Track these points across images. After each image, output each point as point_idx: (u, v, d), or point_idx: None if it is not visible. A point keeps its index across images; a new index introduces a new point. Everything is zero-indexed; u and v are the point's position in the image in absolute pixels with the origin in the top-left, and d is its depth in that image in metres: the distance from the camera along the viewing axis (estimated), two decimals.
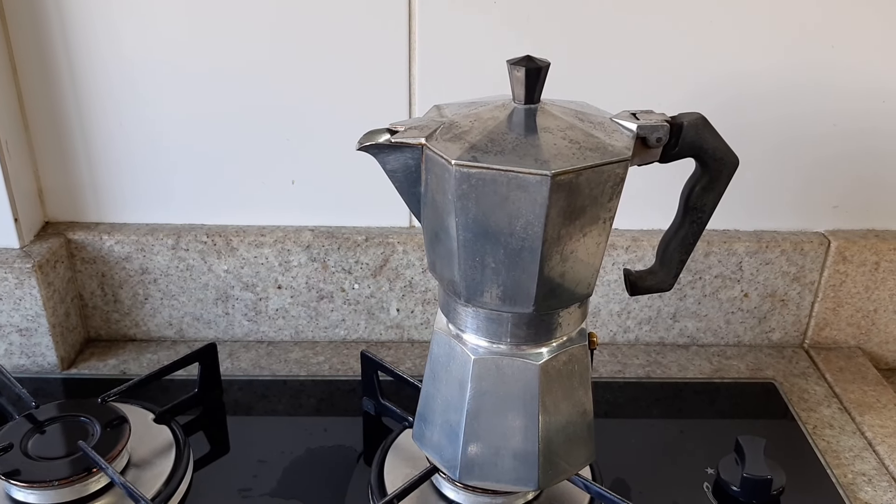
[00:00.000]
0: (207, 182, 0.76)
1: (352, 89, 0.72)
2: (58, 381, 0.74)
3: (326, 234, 0.76)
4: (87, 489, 0.58)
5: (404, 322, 0.80)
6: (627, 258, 0.77)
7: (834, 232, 0.78)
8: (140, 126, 0.73)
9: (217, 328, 0.80)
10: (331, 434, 0.68)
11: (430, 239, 0.50)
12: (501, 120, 0.47)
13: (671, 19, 0.69)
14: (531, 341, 0.51)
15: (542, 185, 0.43)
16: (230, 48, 0.70)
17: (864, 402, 0.73)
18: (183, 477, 0.61)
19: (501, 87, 0.50)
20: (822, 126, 0.74)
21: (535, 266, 0.46)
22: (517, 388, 0.51)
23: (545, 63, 0.47)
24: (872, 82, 0.72)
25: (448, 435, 0.54)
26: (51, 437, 0.61)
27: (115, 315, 0.79)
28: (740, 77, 0.72)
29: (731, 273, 0.78)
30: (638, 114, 0.49)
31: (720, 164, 0.50)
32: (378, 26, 0.69)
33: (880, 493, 0.63)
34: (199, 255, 0.76)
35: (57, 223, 0.78)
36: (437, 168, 0.45)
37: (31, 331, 0.73)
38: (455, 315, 0.52)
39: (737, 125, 0.67)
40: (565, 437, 0.53)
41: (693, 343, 0.82)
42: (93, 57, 0.70)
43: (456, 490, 0.58)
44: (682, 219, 0.53)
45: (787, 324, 0.81)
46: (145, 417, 0.66)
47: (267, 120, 0.73)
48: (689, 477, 0.63)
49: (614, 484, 0.63)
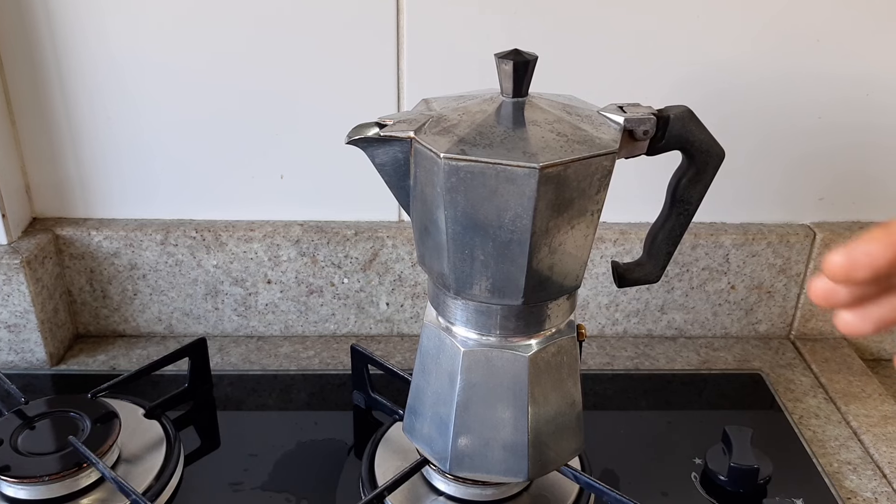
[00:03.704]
0: (196, 177, 0.76)
1: (340, 83, 0.72)
2: (47, 377, 0.74)
3: (316, 229, 0.76)
4: (77, 484, 0.58)
5: (394, 316, 0.80)
6: (615, 251, 0.77)
7: (819, 224, 0.79)
8: (128, 121, 0.73)
9: (207, 323, 0.80)
10: (321, 428, 0.68)
11: (419, 232, 0.51)
12: (490, 113, 0.47)
13: (658, 13, 0.69)
14: (520, 333, 0.51)
15: (530, 177, 0.43)
16: (218, 43, 0.70)
17: (849, 392, 0.74)
18: (174, 471, 0.61)
19: (489, 81, 0.50)
20: (807, 119, 0.74)
21: (523, 258, 0.46)
22: (507, 380, 0.51)
23: (533, 56, 0.47)
24: (858, 75, 0.73)
25: (438, 427, 0.54)
26: (41, 433, 0.61)
27: (104, 311, 0.79)
28: (726, 70, 0.72)
29: (717, 265, 0.78)
30: (625, 107, 0.49)
31: (706, 157, 0.50)
32: (366, 20, 0.69)
33: (865, 481, 0.64)
34: (188, 250, 0.76)
35: (45, 219, 0.77)
36: (426, 161, 0.46)
37: (20, 327, 0.73)
38: (444, 308, 0.52)
39: (723, 118, 0.68)
40: (554, 428, 0.54)
41: (681, 335, 0.82)
42: (80, 52, 0.70)
43: (446, 482, 0.58)
44: (669, 211, 0.53)
45: (773, 315, 0.81)
46: (135, 412, 0.66)
47: (255, 115, 0.73)
48: (677, 467, 0.64)
49: (603, 474, 0.63)
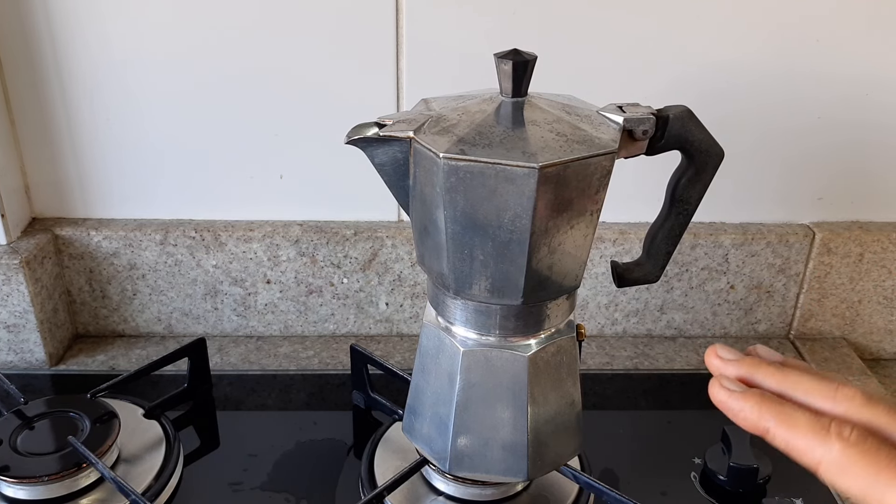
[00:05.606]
0: (195, 177, 0.76)
1: (339, 83, 0.72)
2: (46, 377, 0.74)
3: (315, 229, 0.76)
4: (77, 484, 0.58)
5: (393, 316, 0.80)
6: (615, 251, 0.77)
7: (819, 224, 0.79)
8: (127, 121, 0.73)
9: (206, 323, 0.80)
10: (321, 428, 0.68)
11: (418, 232, 0.51)
12: (489, 113, 0.47)
13: (657, 13, 0.69)
14: (520, 333, 0.51)
15: (529, 177, 0.43)
16: (218, 43, 0.70)
17: None
18: (173, 472, 0.61)
19: (489, 81, 0.50)
20: (807, 119, 0.74)
21: (523, 258, 0.46)
22: (506, 380, 0.51)
23: (532, 56, 0.47)
24: (857, 75, 0.73)
25: (438, 427, 0.54)
26: (40, 433, 0.61)
27: (104, 311, 0.79)
28: (726, 70, 0.72)
29: (717, 265, 0.78)
30: (624, 107, 0.49)
31: (706, 157, 0.50)
32: (365, 20, 0.69)
33: None
34: (187, 250, 0.76)
35: (44, 219, 0.77)
36: (426, 161, 0.46)
37: (19, 327, 0.73)
38: (444, 308, 0.52)
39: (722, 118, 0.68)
40: (554, 427, 0.54)
41: (680, 335, 0.82)
42: (79, 52, 0.70)
43: (446, 482, 0.58)
44: (669, 211, 0.53)
45: (772, 315, 0.81)
46: (135, 412, 0.66)
47: (255, 114, 0.73)
48: (677, 467, 0.64)
49: (603, 474, 0.63)
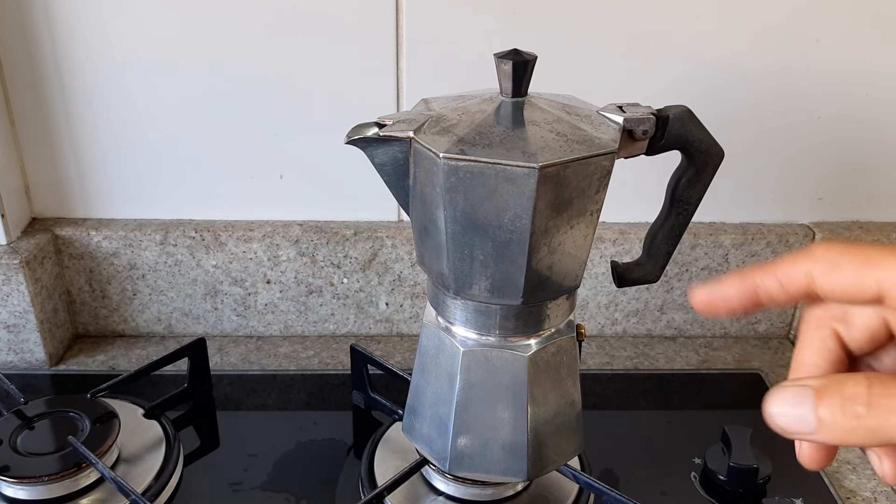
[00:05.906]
0: (195, 177, 0.76)
1: (339, 83, 0.72)
2: (46, 378, 0.74)
3: (315, 229, 0.76)
4: (77, 484, 0.58)
5: (393, 316, 0.80)
6: (615, 251, 0.77)
7: (818, 224, 0.79)
8: (127, 121, 0.73)
9: (206, 323, 0.80)
10: (321, 428, 0.68)
11: (418, 232, 0.51)
12: (489, 113, 0.47)
13: (657, 12, 0.69)
14: (520, 333, 0.51)
15: (529, 177, 0.43)
16: (218, 44, 0.70)
17: None
18: (173, 472, 0.61)
19: (489, 81, 0.50)
20: (806, 118, 0.74)
21: (523, 258, 0.46)
22: (506, 380, 0.51)
23: (532, 56, 0.47)
24: (857, 74, 0.73)
25: (438, 427, 0.54)
26: (40, 433, 0.61)
27: (104, 311, 0.79)
28: (726, 70, 0.72)
29: (717, 265, 0.78)
30: (624, 107, 0.49)
31: (705, 157, 0.50)
32: (366, 20, 0.69)
33: (864, 480, 0.64)
34: (187, 250, 0.76)
35: (44, 219, 0.77)
36: (426, 161, 0.45)
37: (19, 327, 0.73)
38: (444, 308, 0.52)
39: (722, 118, 0.68)
40: (554, 428, 0.54)
41: (680, 335, 0.82)
42: (79, 52, 0.70)
43: (446, 482, 0.58)
44: (669, 211, 0.53)
45: (772, 315, 0.81)
46: (135, 412, 0.66)
47: (255, 114, 0.73)
48: (677, 467, 0.64)
49: (603, 474, 0.63)
